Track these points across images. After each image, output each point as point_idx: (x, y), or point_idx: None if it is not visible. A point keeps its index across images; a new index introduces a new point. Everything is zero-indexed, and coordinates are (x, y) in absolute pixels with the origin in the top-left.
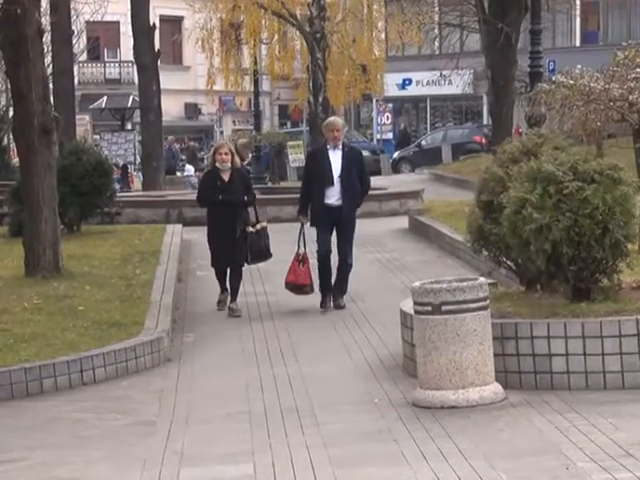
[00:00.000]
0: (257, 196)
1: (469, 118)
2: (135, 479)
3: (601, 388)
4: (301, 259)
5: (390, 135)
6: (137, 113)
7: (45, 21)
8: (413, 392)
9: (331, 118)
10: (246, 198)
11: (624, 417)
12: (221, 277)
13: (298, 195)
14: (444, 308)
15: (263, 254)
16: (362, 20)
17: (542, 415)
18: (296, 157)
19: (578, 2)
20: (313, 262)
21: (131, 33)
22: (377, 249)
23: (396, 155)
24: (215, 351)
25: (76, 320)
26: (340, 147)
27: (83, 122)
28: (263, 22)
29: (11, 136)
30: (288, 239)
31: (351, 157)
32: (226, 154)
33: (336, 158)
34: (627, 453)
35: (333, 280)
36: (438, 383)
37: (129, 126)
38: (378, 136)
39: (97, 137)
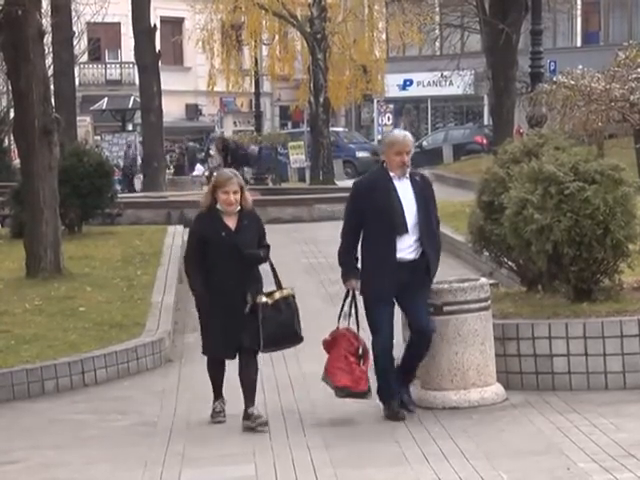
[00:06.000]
0: (257, 197)
1: (470, 119)
2: None
3: (602, 388)
4: (361, 354)
5: None
6: (138, 114)
7: (46, 22)
8: (414, 393)
9: (397, 133)
10: (262, 254)
11: (625, 417)
12: (217, 373)
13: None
14: (446, 309)
15: (286, 337)
16: (363, 21)
17: (543, 415)
18: (297, 158)
19: (579, 2)
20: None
21: (132, 34)
22: None
23: None
24: None
25: (77, 321)
26: (408, 176)
27: (84, 123)
28: (264, 23)
29: (12, 137)
30: (287, 242)
31: (425, 190)
32: (235, 192)
33: (406, 193)
34: (628, 453)
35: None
36: (439, 384)
37: (130, 127)
38: (379, 137)
39: (98, 138)
